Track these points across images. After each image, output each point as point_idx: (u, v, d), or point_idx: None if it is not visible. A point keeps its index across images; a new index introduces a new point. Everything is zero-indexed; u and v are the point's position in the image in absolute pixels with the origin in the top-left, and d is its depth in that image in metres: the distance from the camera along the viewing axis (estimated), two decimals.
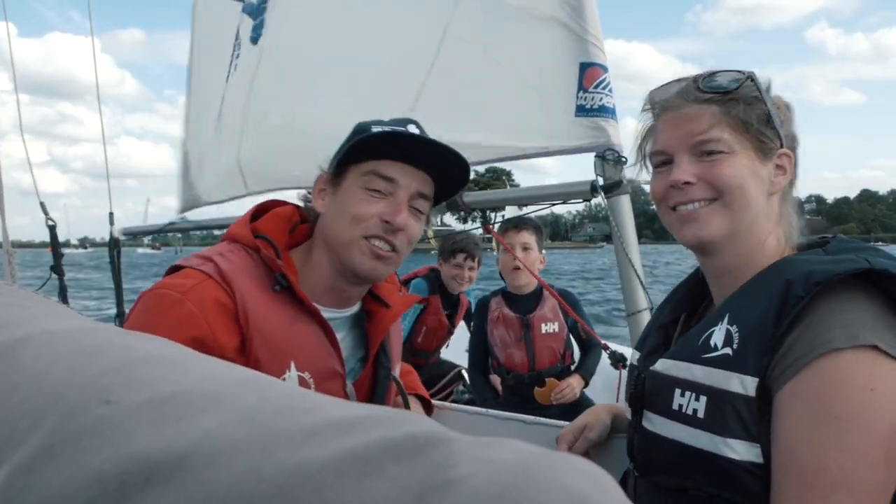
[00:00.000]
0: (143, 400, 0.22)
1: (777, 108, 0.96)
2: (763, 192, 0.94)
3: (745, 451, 0.83)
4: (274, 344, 1.04)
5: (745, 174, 0.93)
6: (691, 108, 0.95)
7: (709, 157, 0.93)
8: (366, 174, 1.10)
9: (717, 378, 0.87)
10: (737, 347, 0.86)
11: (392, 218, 1.08)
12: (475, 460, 0.19)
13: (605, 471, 0.21)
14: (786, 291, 0.83)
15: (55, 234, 2.49)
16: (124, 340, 0.26)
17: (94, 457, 0.20)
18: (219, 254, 1.08)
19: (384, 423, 0.21)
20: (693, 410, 0.89)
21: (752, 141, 0.93)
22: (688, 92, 0.96)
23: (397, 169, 1.10)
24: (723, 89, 0.94)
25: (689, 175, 0.94)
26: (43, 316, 0.29)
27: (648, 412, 0.99)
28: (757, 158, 0.94)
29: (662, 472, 0.96)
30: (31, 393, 0.23)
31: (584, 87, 1.68)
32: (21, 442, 0.21)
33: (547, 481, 0.18)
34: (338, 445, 0.20)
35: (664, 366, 0.97)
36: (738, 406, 0.84)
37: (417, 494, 0.18)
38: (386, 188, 1.10)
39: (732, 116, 0.93)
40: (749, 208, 0.93)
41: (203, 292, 1.00)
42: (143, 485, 0.19)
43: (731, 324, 0.88)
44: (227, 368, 0.25)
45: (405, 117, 1.17)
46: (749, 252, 0.95)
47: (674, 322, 1.11)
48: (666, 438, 0.93)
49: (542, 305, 2.70)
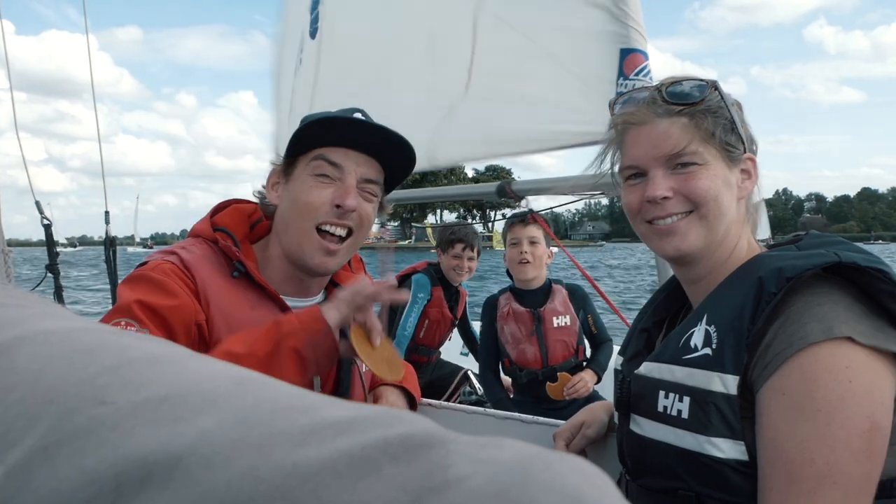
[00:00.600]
0: (139, 400, 0.22)
1: (730, 105, 0.98)
2: (734, 199, 0.97)
3: (730, 449, 0.84)
4: (235, 327, 1.09)
5: (719, 185, 0.95)
6: (661, 122, 0.96)
7: (683, 170, 0.95)
8: (313, 160, 1.14)
9: (698, 378, 0.88)
10: (716, 347, 0.87)
11: (342, 201, 1.12)
12: (473, 460, 0.19)
13: (604, 470, 0.21)
14: (759, 289, 0.85)
15: (50, 232, 2.48)
16: (120, 340, 0.26)
17: (89, 458, 0.20)
18: (181, 247, 1.14)
19: (381, 423, 0.21)
20: (678, 411, 0.90)
21: (720, 150, 0.95)
22: (655, 104, 0.97)
23: (343, 154, 1.14)
24: (690, 100, 0.96)
25: (665, 190, 0.95)
26: (38, 316, 0.29)
27: (635, 415, 1.00)
28: (726, 167, 0.96)
29: (652, 475, 0.97)
30: (26, 393, 0.23)
31: (625, 74, 1.62)
32: (16, 442, 0.21)
33: (544, 481, 0.18)
34: (335, 446, 0.20)
35: (647, 369, 0.98)
36: (721, 405, 0.85)
37: (415, 495, 0.18)
38: (334, 173, 1.14)
39: (702, 128, 0.95)
40: (724, 217, 0.95)
41: (167, 268, 1.08)
42: (138, 486, 0.19)
43: (710, 324, 0.90)
44: (223, 368, 0.25)
45: (353, 107, 1.21)
46: (723, 257, 0.97)
47: (656, 325, 1.12)
48: (653, 440, 0.94)
49: (553, 299, 2.67)
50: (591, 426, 1.28)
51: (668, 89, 0.97)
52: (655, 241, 0.99)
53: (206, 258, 1.13)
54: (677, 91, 0.96)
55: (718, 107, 0.97)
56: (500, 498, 0.18)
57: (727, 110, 0.97)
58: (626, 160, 1.01)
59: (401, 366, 1.18)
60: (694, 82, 0.97)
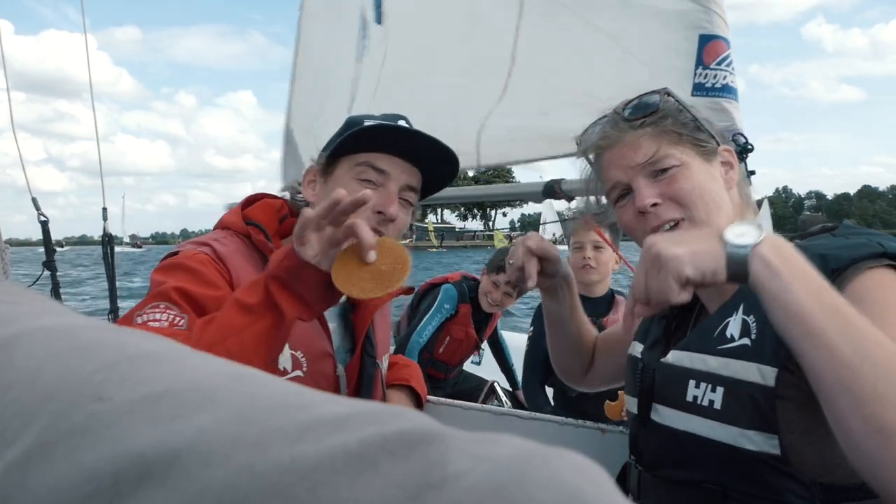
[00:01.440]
0: (137, 397, 0.22)
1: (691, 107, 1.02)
2: (722, 189, 0.99)
3: (763, 443, 0.83)
4: None
5: (703, 180, 0.96)
6: (628, 136, 0.99)
7: (664, 175, 0.96)
8: (359, 165, 1.13)
9: (734, 368, 0.87)
10: (755, 337, 0.86)
11: (385, 209, 1.12)
12: (470, 456, 0.19)
13: (602, 465, 0.21)
14: None
15: (47, 229, 2.48)
16: (118, 337, 0.26)
17: (87, 455, 0.20)
18: (213, 239, 1.13)
19: (379, 420, 0.21)
20: (709, 402, 0.88)
21: (692, 148, 0.98)
22: (617, 125, 1.00)
23: (389, 161, 1.14)
24: (649, 110, 0.99)
25: (652, 196, 0.96)
26: (35, 313, 0.28)
27: (658, 405, 0.98)
28: (704, 161, 0.98)
29: (673, 466, 0.96)
30: (24, 390, 0.23)
31: (705, 63, 1.47)
32: (13, 440, 0.21)
33: (542, 477, 0.18)
34: (333, 442, 0.20)
35: (677, 357, 0.97)
36: (757, 396, 0.84)
37: (413, 491, 0.18)
38: (378, 179, 1.13)
39: (668, 132, 0.97)
40: (720, 212, 0.96)
41: (204, 258, 1.07)
42: (136, 483, 0.19)
43: (748, 314, 0.89)
44: (221, 365, 0.25)
45: (396, 114, 1.21)
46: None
47: (674, 314, 1.11)
48: (679, 431, 0.93)
49: (616, 310, 2.54)
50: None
51: (626, 108, 1.01)
52: None
53: (238, 251, 1.13)
54: (634, 105, 1.01)
55: (678, 110, 1.00)
56: (498, 494, 0.18)
57: (687, 112, 1.00)
58: (607, 183, 1.04)
59: (400, 273, 0.99)
60: (646, 96, 1.01)
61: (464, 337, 3.09)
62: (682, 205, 0.95)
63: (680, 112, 1.00)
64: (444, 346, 3.07)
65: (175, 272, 1.05)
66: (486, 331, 3.23)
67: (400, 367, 1.47)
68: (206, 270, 1.05)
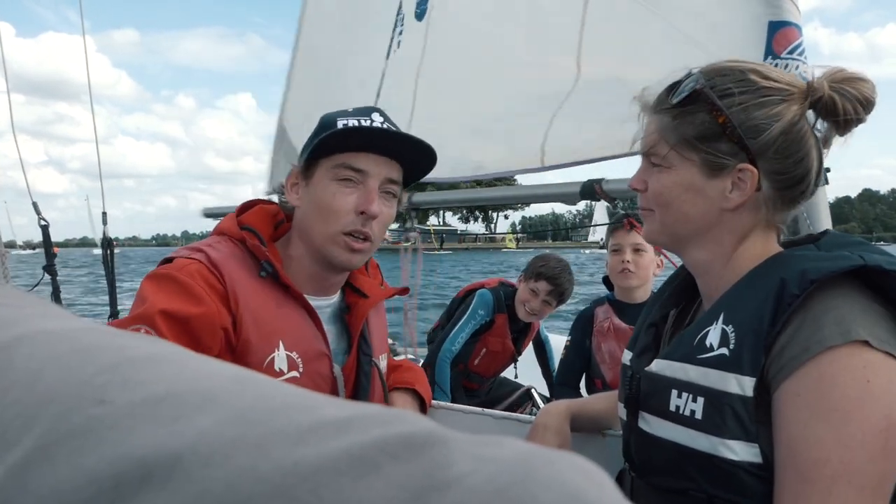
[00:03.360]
0: (138, 400, 0.22)
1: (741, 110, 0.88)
2: (710, 207, 0.92)
3: (744, 452, 0.83)
4: (263, 325, 1.10)
5: (677, 191, 0.93)
6: (652, 116, 0.98)
7: (655, 167, 0.96)
8: (336, 167, 1.15)
9: (713, 379, 0.87)
10: (733, 348, 0.86)
11: (367, 207, 1.14)
12: (473, 458, 0.19)
13: (602, 468, 0.21)
14: (780, 290, 0.83)
15: (48, 233, 2.48)
16: (118, 340, 0.26)
17: (88, 457, 0.20)
18: (207, 245, 1.15)
19: (382, 422, 0.21)
20: (691, 412, 0.88)
21: (698, 156, 0.91)
22: (658, 98, 0.98)
23: (365, 159, 1.15)
24: (666, 104, 0.94)
25: (637, 182, 1.00)
26: (36, 316, 0.28)
27: (644, 413, 0.99)
28: (702, 173, 0.91)
29: (661, 473, 0.96)
30: (25, 393, 0.23)
31: (776, 52, 1.37)
32: (14, 442, 0.21)
33: (545, 479, 0.18)
34: (335, 444, 0.20)
35: (659, 366, 0.97)
36: (737, 407, 0.84)
37: (415, 493, 0.18)
38: (356, 178, 1.15)
39: (674, 130, 0.92)
40: (682, 224, 0.95)
41: (194, 270, 1.07)
42: (137, 485, 0.19)
43: (727, 323, 0.88)
44: (222, 367, 0.25)
45: (369, 106, 1.21)
46: (710, 260, 0.97)
47: (663, 319, 1.11)
48: (663, 440, 0.93)
49: None
50: (566, 448, 1.28)
51: (668, 87, 0.95)
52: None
53: (233, 256, 1.14)
54: (671, 87, 0.94)
55: (702, 111, 0.90)
56: (501, 496, 0.18)
57: (717, 116, 0.89)
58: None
59: None
60: (683, 83, 0.93)
61: (501, 349, 2.92)
62: (651, 200, 0.97)
63: (705, 114, 0.90)
64: (480, 359, 2.91)
65: (164, 285, 1.06)
66: (525, 342, 3.04)
67: (404, 371, 1.47)
68: (195, 283, 1.06)
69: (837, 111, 0.89)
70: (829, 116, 0.91)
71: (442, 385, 2.81)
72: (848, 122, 0.90)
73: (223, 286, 1.08)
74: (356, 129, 1.13)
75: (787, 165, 0.90)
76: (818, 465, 0.76)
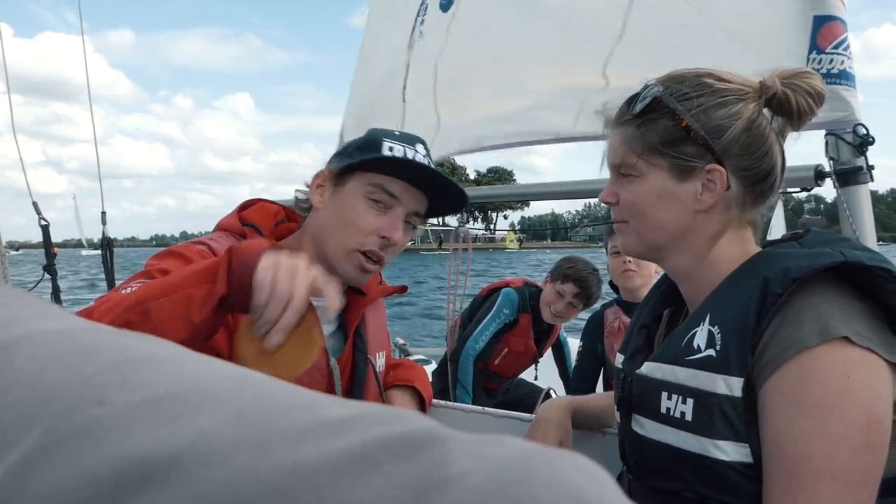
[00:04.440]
0: (138, 400, 0.22)
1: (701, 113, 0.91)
2: (684, 210, 0.94)
3: (735, 452, 0.84)
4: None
5: (649, 199, 0.95)
6: (614, 131, 0.99)
7: (624, 179, 0.98)
8: (371, 185, 1.15)
9: (702, 380, 0.87)
10: (720, 348, 0.86)
11: (390, 234, 1.15)
12: (473, 457, 0.19)
13: (603, 468, 0.21)
14: (764, 289, 0.84)
15: (48, 234, 2.48)
16: (118, 340, 0.26)
17: (88, 457, 0.20)
18: (210, 239, 1.15)
19: (381, 421, 0.21)
20: (681, 413, 0.89)
21: (666, 161, 0.93)
22: (618, 112, 1.00)
23: (401, 187, 1.16)
24: (628, 115, 0.96)
25: (608, 195, 1.01)
26: (36, 316, 0.28)
27: (637, 416, 0.99)
28: (673, 178, 0.93)
29: (655, 475, 0.96)
30: (25, 393, 0.23)
31: (820, 47, 1.34)
32: (15, 443, 0.21)
33: (545, 477, 0.18)
34: (335, 444, 0.20)
35: (649, 369, 0.97)
36: (725, 407, 0.84)
37: (416, 492, 0.18)
38: (387, 202, 1.16)
39: (640, 139, 0.94)
40: (657, 231, 0.96)
41: (195, 251, 1.09)
42: (138, 485, 0.19)
43: (713, 324, 0.89)
44: (222, 367, 0.25)
45: (415, 135, 1.23)
46: (690, 265, 0.98)
47: (655, 321, 1.12)
48: (655, 441, 0.94)
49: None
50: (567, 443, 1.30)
51: (628, 99, 0.99)
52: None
53: None
54: (630, 100, 0.98)
55: (665, 117, 0.92)
56: (501, 494, 0.18)
57: (680, 121, 0.91)
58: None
59: (306, 359, 0.89)
60: (643, 93, 0.96)
61: (523, 349, 2.89)
62: (625, 212, 0.99)
63: (668, 120, 0.92)
64: (501, 358, 2.89)
65: (166, 257, 1.08)
66: (547, 343, 3.02)
67: (405, 369, 1.47)
68: (198, 259, 1.06)
69: (791, 106, 0.93)
70: (784, 112, 0.94)
71: (465, 383, 2.77)
72: (801, 116, 0.94)
73: None
74: (401, 159, 1.14)
75: (753, 161, 0.92)
76: (803, 461, 0.77)
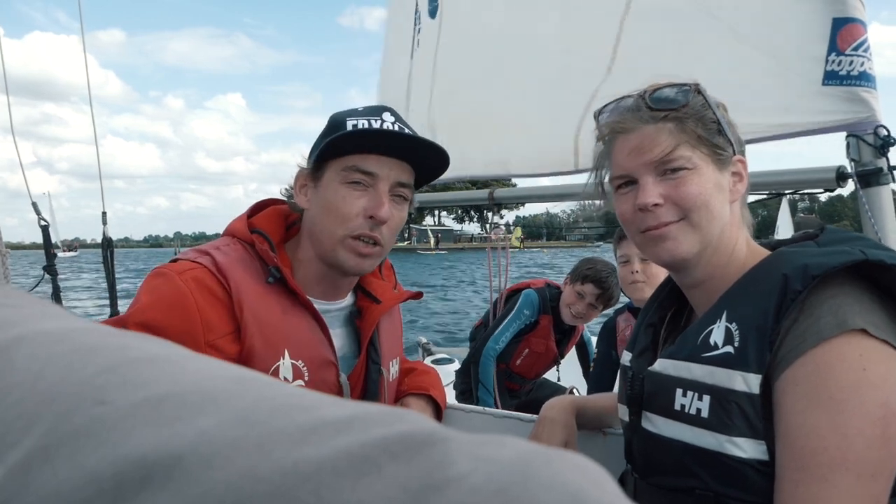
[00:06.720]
0: (138, 400, 0.22)
1: (714, 107, 0.97)
2: (726, 202, 0.96)
3: (752, 449, 0.83)
4: (268, 332, 1.08)
5: (710, 189, 0.94)
6: (648, 127, 0.95)
7: (673, 175, 0.94)
8: (345, 169, 1.12)
9: (719, 377, 0.87)
10: (738, 345, 0.86)
11: (376, 212, 1.11)
12: (473, 458, 0.19)
13: (605, 468, 0.21)
14: (784, 286, 0.84)
15: (48, 234, 2.48)
16: (119, 340, 0.26)
17: (89, 458, 0.20)
18: (216, 248, 1.13)
19: (382, 422, 0.21)
20: (696, 410, 0.88)
21: (709, 153, 0.94)
22: (640, 111, 0.96)
23: (376, 162, 1.12)
24: (675, 104, 0.95)
25: (656, 196, 0.94)
26: (37, 316, 0.28)
27: (648, 413, 0.98)
28: (716, 170, 0.95)
29: (666, 473, 0.96)
30: (26, 393, 0.23)
31: (839, 49, 1.33)
32: (15, 443, 0.21)
33: (545, 478, 0.18)
34: (335, 444, 0.20)
35: (663, 366, 0.97)
36: (743, 404, 0.84)
37: (415, 493, 0.18)
38: (366, 181, 1.12)
39: (689, 132, 0.94)
40: (716, 222, 0.95)
41: (196, 276, 1.06)
42: (138, 486, 0.19)
43: (731, 321, 0.88)
44: (222, 368, 0.25)
45: (381, 105, 1.18)
46: (721, 263, 0.97)
47: (661, 320, 1.11)
48: (669, 439, 0.93)
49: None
50: (574, 445, 1.29)
51: (652, 95, 0.96)
52: (650, 249, 0.98)
53: (240, 261, 1.12)
54: (661, 97, 0.96)
55: (704, 109, 0.96)
56: (501, 495, 0.18)
57: (713, 112, 0.96)
58: (615, 169, 1.00)
59: None
60: (676, 87, 0.97)
61: (544, 350, 2.88)
62: (684, 208, 0.94)
63: (706, 112, 0.95)
64: (522, 359, 2.88)
65: (157, 288, 1.05)
66: (568, 345, 3.01)
67: (419, 374, 1.44)
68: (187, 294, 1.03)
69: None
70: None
71: (486, 383, 2.77)
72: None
73: (227, 292, 1.06)
74: (365, 131, 1.10)
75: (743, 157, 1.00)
76: (816, 453, 0.77)
